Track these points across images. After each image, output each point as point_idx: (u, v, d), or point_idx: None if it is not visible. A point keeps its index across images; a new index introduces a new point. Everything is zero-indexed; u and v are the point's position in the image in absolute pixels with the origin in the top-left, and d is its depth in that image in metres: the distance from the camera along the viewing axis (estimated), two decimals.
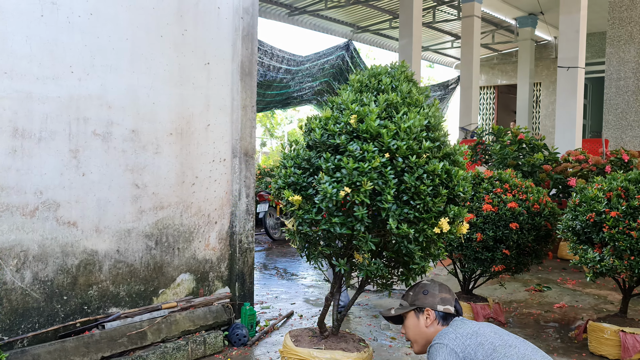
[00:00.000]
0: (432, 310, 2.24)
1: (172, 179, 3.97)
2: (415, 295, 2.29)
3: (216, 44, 4.22)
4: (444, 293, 2.29)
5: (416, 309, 2.27)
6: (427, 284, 2.33)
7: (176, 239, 4.03)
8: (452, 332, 2.10)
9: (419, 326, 2.26)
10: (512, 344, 2.03)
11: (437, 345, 2.07)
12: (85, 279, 3.51)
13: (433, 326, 2.24)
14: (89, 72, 3.47)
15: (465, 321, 2.19)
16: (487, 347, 2.01)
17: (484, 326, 2.13)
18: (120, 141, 3.65)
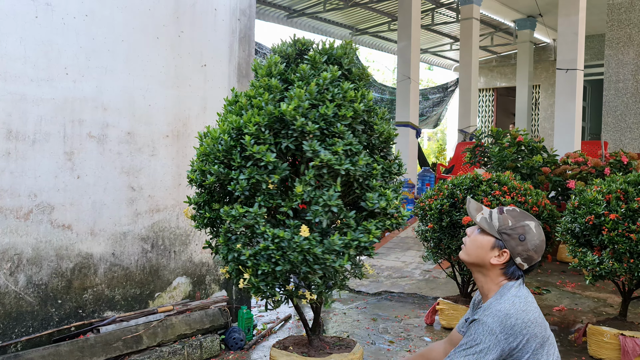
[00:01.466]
0: (510, 257, 1.89)
1: (168, 181, 3.94)
2: (512, 228, 1.89)
3: (213, 45, 4.20)
4: (537, 253, 1.90)
5: (496, 240, 1.90)
6: (534, 229, 1.89)
7: (172, 242, 4.00)
8: (506, 300, 1.83)
9: (486, 254, 1.92)
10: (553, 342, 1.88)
11: (483, 324, 1.77)
12: (80, 283, 3.48)
13: (497, 269, 1.92)
14: (84, 74, 3.45)
15: (529, 297, 1.88)
16: (538, 341, 1.80)
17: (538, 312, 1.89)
18: (115, 143, 3.62)
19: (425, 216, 4.76)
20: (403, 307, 5.58)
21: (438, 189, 4.80)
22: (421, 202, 4.85)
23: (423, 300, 5.86)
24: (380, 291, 6.22)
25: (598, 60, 13.84)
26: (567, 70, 8.62)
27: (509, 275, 1.89)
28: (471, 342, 1.76)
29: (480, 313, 1.81)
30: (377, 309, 5.47)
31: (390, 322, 4.98)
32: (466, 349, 1.76)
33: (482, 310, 1.82)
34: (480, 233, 1.94)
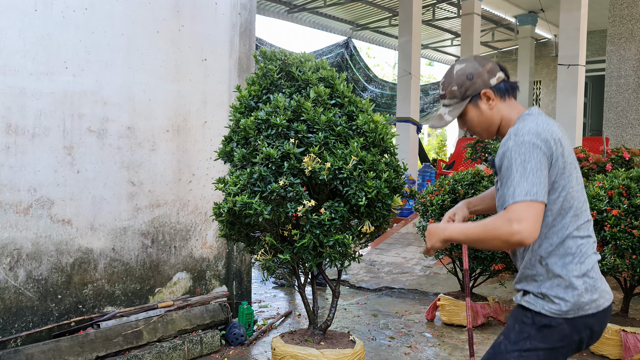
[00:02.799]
0: (489, 89, 1.85)
1: (168, 176, 3.92)
2: (461, 86, 1.86)
3: (213, 40, 4.17)
4: (485, 64, 1.88)
5: (472, 100, 1.86)
6: (463, 66, 1.88)
7: (173, 237, 3.98)
8: (531, 121, 1.75)
9: (483, 115, 1.86)
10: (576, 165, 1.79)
11: (522, 143, 1.68)
12: (80, 278, 3.47)
13: (497, 106, 1.86)
14: (83, 68, 3.42)
15: (550, 121, 1.79)
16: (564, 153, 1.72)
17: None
18: (115, 138, 3.60)
19: (427, 212, 4.74)
20: (404, 302, 5.57)
21: (439, 185, 4.78)
22: (422, 197, 4.83)
23: (424, 296, 5.86)
24: (380, 287, 6.22)
25: (599, 56, 13.81)
26: (569, 66, 8.59)
27: (509, 92, 1.86)
28: (523, 163, 1.68)
29: (512, 138, 1.72)
30: (378, 305, 5.46)
31: (390, 318, 4.97)
32: (522, 171, 1.67)
33: (513, 135, 1.73)
34: (464, 116, 1.90)
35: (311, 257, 2.20)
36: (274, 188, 2.04)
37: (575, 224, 1.75)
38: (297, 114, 2.24)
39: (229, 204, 2.14)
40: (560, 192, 1.73)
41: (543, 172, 1.66)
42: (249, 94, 2.40)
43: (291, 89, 2.36)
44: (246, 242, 2.43)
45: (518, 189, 1.64)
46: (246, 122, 2.24)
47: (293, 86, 2.38)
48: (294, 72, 2.35)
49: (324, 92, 2.27)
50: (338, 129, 2.21)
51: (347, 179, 2.12)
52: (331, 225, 2.12)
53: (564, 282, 1.72)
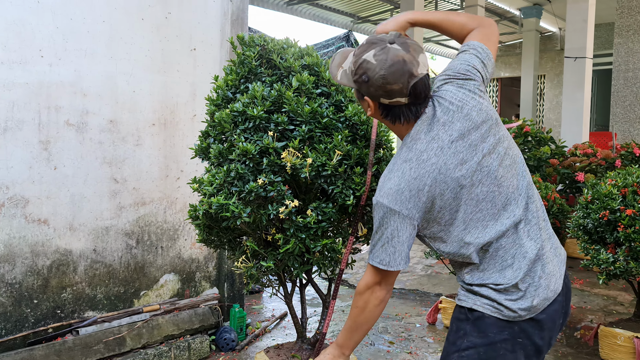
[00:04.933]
0: (373, 102, 1.63)
1: (154, 172, 3.70)
2: (355, 71, 1.62)
3: (203, 28, 3.94)
4: (390, 84, 1.56)
5: (357, 90, 1.66)
6: (370, 62, 1.58)
7: (159, 237, 3.77)
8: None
9: (362, 106, 1.72)
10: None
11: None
12: (58, 281, 3.25)
13: (376, 115, 1.68)
14: (60, 57, 3.20)
15: (424, 155, 1.59)
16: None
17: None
18: (96, 132, 3.38)
19: None
20: (404, 304, 5.36)
21: None
22: None
23: (425, 297, 5.63)
24: None
25: (605, 50, 13.53)
26: (576, 59, 8.33)
27: (397, 120, 1.62)
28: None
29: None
30: None
31: (390, 321, 4.76)
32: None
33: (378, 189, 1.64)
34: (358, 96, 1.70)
35: (297, 264, 1.97)
36: (251, 187, 1.82)
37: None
38: (278, 105, 2.00)
39: (205, 206, 1.92)
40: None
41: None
42: (226, 84, 2.17)
43: (272, 77, 2.12)
44: (229, 248, 2.21)
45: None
46: (221, 115, 2.01)
47: (274, 75, 2.14)
48: (275, 59, 2.12)
49: (308, 81, 2.03)
50: (325, 121, 1.98)
51: (332, 176, 1.89)
52: (318, 229, 1.89)
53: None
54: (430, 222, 1.59)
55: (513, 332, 1.58)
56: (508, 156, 1.64)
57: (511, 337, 1.59)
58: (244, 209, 1.87)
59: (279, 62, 2.13)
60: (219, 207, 1.87)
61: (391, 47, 1.55)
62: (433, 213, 1.57)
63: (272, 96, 2.00)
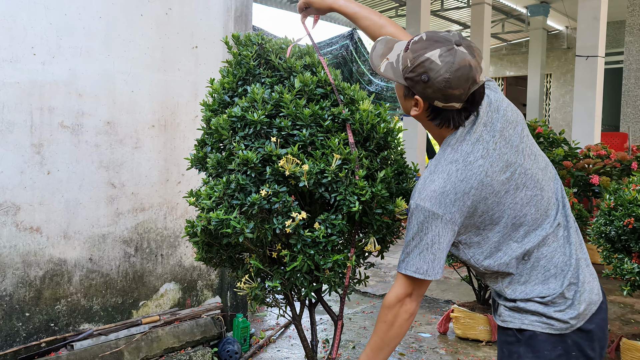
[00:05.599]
0: (425, 101, 1.52)
1: (154, 177, 3.52)
2: (412, 68, 1.49)
3: (205, 25, 3.76)
4: (451, 88, 1.46)
5: (405, 87, 1.54)
6: (434, 62, 1.45)
7: (159, 245, 3.59)
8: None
9: (404, 102, 1.60)
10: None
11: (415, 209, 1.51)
12: (52, 292, 3.08)
13: (422, 116, 1.58)
14: (54, 55, 3.02)
15: (470, 157, 1.51)
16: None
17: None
18: (93, 134, 3.20)
19: None
20: None
21: None
22: None
23: (434, 304, 5.45)
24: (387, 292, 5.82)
25: (614, 48, 13.30)
26: (587, 57, 8.12)
27: (445, 124, 1.54)
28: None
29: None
30: None
31: None
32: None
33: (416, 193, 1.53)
34: (395, 82, 1.60)
35: (306, 282, 1.79)
36: (254, 199, 1.64)
37: None
38: (280, 109, 1.82)
39: (203, 222, 1.73)
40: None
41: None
42: (223, 87, 1.98)
43: (272, 79, 1.94)
44: (230, 266, 2.02)
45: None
46: (218, 121, 1.82)
47: (274, 76, 1.97)
48: (274, 60, 1.94)
49: (310, 81, 1.85)
50: (326, 124, 1.80)
51: (333, 182, 1.71)
52: (328, 243, 1.71)
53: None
54: (469, 228, 1.52)
55: (566, 347, 1.53)
56: (542, 157, 1.62)
57: (565, 352, 1.53)
58: (247, 224, 1.69)
59: (277, 63, 1.95)
60: (218, 222, 1.69)
61: (458, 49, 1.46)
62: (474, 218, 1.50)
63: (274, 99, 1.82)
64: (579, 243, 1.61)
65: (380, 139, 1.87)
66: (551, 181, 1.61)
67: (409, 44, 1.51)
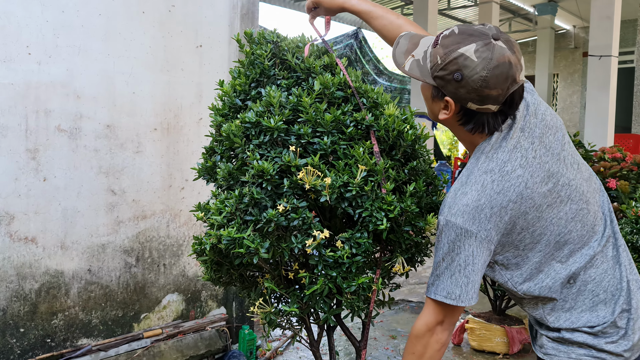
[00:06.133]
0: (457, 104, 1.35)
1: (156, 182, 3.35)
2: (443, 66, 1.31)
3: (210, 23, 3.58)
4: (488, 88, 1.28)
5: (433, 87, 1.37)
6: (469, 58, 1.27)
7: (162, 254, 3.41)
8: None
9: (431, 105, 1.42)
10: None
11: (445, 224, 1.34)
12: (48, 306, 2.90)
13: (452, 121, 1.41)
14: (51, 54, 2.84)
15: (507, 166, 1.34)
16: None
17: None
18: (91, 138, 3.03)
19: None
20: None
21: None
22: None
23: None
24: (397, 299, 5.64)
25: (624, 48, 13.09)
26: (601, 57, 7.92)
27: (478, 129, 1.37)
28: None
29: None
30: (396, 323, 4.88)
31: None
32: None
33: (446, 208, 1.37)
34: (422, 82, 1.42)
35: (326, 306, 1.61)
36: (270, 216, 1.46)
37: None
38: (298, 114, 1.64)
39: (213, 240, 1.55)
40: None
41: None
42: (234, 90, 1.80)
43: (288, 80, 1.76)
44: (241, 285, 1.85)
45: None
46: (230, 127, 1.64)
47: (291, 77, 1.78)
48: (290, 59, 1.75)
49: (331, 83, 1.67)
50: (349, 131, 1.62)
51: (358, 197, 1.53)
52: (352, 265, 1.53)
53: None
54: (506, 247, 1.36)
55: None
56: (585, 167, 1.45)
57: None
58: (262, 243, 1.50)
59: (294, 64, 1.77)
60: (230, 241, 1.51)
61: (496, 44, 1.29)
62: (513, 235, 1.34)
63: (291, 102, 1.64)
64: (629, 263, 1.44)
65: (407, 147, 1.69)
66: (597, 193, 1.45)
67: (439, 39, 1.34)
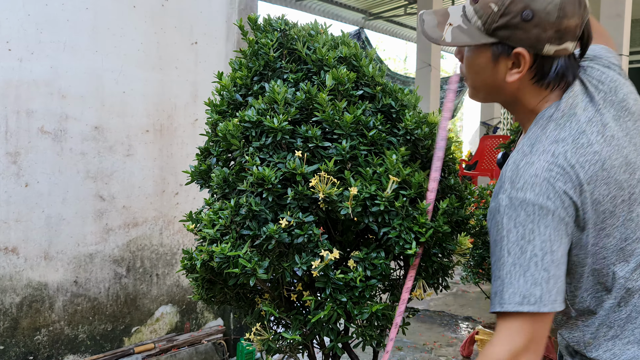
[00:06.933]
0: (531, 53, 1.08)
1: (148, 187, 3.15)
2: (504, 11, 1.05)
3: (206, 18, 3.38)
4: (565, 18, 1.05)
5: (495, 45, 1.10)
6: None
7: (154, 263, 3.21)
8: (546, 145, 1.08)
9: (493, 77, 1.13)
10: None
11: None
12: (31, 321, 2.70)
13: (520, 83, 1.12)
14: (33, 51, 2.64)
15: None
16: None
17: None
18: (78, 141, 2.82)
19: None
20: (430, 330, 4.78)
21: (479, 196, 3.96)
22: None
23: (452, 320, 5.06)
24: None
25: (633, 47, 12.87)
26: None
27: (557, 82, 1.10)
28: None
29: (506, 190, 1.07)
30: (401, 333, 4.67)
31: (419, 353, 4.18)
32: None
33: (508, 184, 1.07)
34: (468, 55, 1.15)
35: (333, 334, 1.40)
36: (271, 231, 1.25)
37: None
38: (307, 113, 1.43)
39: (204, 256, 1.35)
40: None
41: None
42: (234, 84, 1.60)
43: (297, 74, 1.54)
44: (236, 303, 1.64)
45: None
46: (227, 127, 1.43)
47: (300, 70, 1.57)
48: (300, 49, 1.54)
49: (347, 78, 1.46)
50: (372, 134, 1.41)
51: (386, 212, 1.32)
52: (366, 289, 1.32)
53: None
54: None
55: None
56: None
57: None
58: (260, 262, 1.30)
59: (305, 54, 1.56)
60: (223, 259, 1.30)
61: None
62: (577, 228, 1.07)
63: (299, 99, 1.43)
64: None
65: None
66: None
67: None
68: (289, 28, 1.62)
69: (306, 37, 1.60)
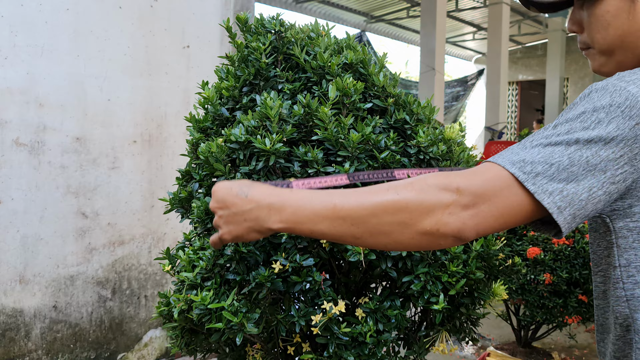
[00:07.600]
0: None
1: (136, 203, 2.91)
2: None
3: (199, 20, 3.15)
4: None
5: None
6: None
7: (142, 284, 2.97)
8: None
9: (629, 18, 0.91)
10: None
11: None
12: (4, 351, 2.46)
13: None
14: (7, 56, 2.41)
15: None
16: None
17: None
18: (57, 153, 2.59)
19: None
20: None
21: None
22: None
23: None
24: None
25: None
26: None
27: None
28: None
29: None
30: None
31: None
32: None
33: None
34: (591, 5, 0.93)
35: None
36: (262, 278, 1.01)
37: None
38: (306, 131, 1.19)
39: (182, 304, 1.11)
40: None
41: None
42: (219, 95, 1.37)
43: (294, 84, 1.31)
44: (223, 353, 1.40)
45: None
46: (209, 148, 1.20)
47: (297, 79, 1.33)
48: (298, 55, 1.30)
49: (353, 89, 1.22)
50: (384, 156, 1.17)
51: (408, 258, 1.07)
52: (378, 346, 1.08)
53: None
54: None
55: None
56: None
57: None
58: (250, 314, 1.06)
59: (304, 61, 1.32)
60: (204, 311, 1.06)
61: None
62: None
63: (297, 115, 1.19)
64: None
65: None
66: None
67: None
68: (284, 30, 1.38)
69: (305, 41, 1.37)
